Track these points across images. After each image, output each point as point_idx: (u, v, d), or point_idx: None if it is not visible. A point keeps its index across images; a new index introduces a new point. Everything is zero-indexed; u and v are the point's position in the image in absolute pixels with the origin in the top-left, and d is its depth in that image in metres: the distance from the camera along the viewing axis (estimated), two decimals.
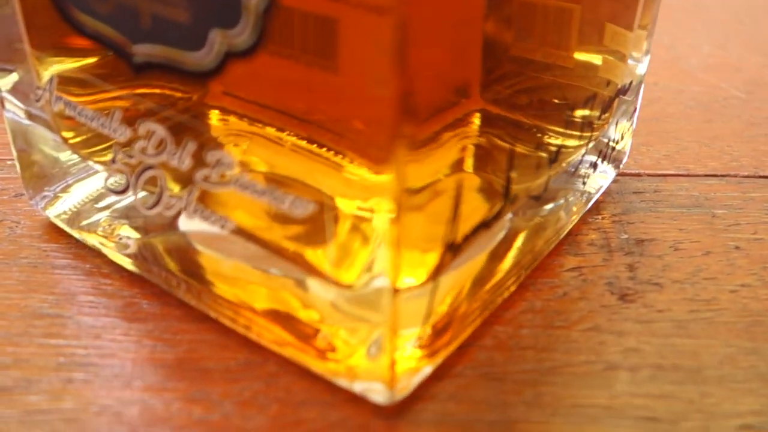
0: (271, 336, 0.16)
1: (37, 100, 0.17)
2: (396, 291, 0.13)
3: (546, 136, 0.17)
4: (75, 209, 0.19)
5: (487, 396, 0.16)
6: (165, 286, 0.18)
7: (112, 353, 0.17)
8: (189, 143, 0.14)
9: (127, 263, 0.18)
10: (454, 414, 0.16)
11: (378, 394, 0.15)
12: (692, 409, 0.16)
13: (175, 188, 0.16)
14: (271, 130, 0.17)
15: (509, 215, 0.17)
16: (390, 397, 0.15)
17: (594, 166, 0.20)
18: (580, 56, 0.18)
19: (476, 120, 0.15)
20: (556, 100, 0.17)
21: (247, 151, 0.16)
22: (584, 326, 0.18)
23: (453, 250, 0.15)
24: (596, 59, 0.18)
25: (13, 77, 0.19)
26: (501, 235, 0.17)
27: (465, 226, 0.15)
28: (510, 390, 0.16)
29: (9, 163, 0.22)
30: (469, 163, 0.15)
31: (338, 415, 0.15)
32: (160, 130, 0.14)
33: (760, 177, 0.23)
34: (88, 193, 0.19)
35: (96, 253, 0.19)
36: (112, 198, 0.19)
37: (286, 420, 0.15)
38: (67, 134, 0.18)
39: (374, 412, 0.15)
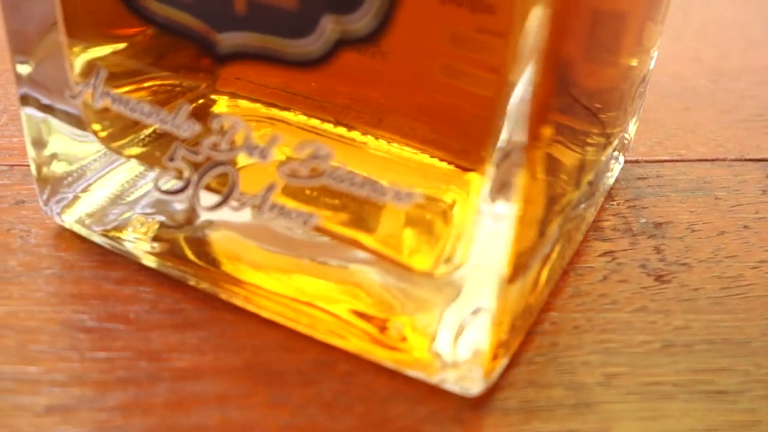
0: (338, 332, 0.16)
1: (74, 97, 0.16)
2: (510, 281, 0.13)
3: (597, 138, 0.18)
4: (97, 210, 0.18)
5: (562, 380, 0.16)
6: (208, 288, 0.17)
7: (172, 364, 0.16)
8: (277, 136, 0.14)
9: (161, 265, 0.17)
10: (535, 400, 0.16)
11: (474, 384, 0.15)
12: (751, 380, 0.16)
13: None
14: (290, 115, 0.16)
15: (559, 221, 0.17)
16: (484, 388, 0.15)
17: (617, 158, 0.21)
18: (628, 59, 0.18)
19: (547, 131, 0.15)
20: (599, 104, 0.18)
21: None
22: (633, 307, 0.18)
23: (540, 234, 0.15)
24: (636, 59, 0.19)
25: (25, 69, 0.17)
26: (554, 236, 0.17)
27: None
28: (581, 373, 0.16)
29: (2, 168, 0.21)
30: (540, 170, 0.15)
31: (426, 409, 0.15)
32: (240, 124, 0.14)
33: (747, 160, 0.24)
34: (111, 191, 0.18)
35: (123, 259, 0.18)
36: (137, 194, 0.18)
37: (375, 418, 0.15)
38: (96, 127, 0.17)
39: (461, 403, 0.15)
